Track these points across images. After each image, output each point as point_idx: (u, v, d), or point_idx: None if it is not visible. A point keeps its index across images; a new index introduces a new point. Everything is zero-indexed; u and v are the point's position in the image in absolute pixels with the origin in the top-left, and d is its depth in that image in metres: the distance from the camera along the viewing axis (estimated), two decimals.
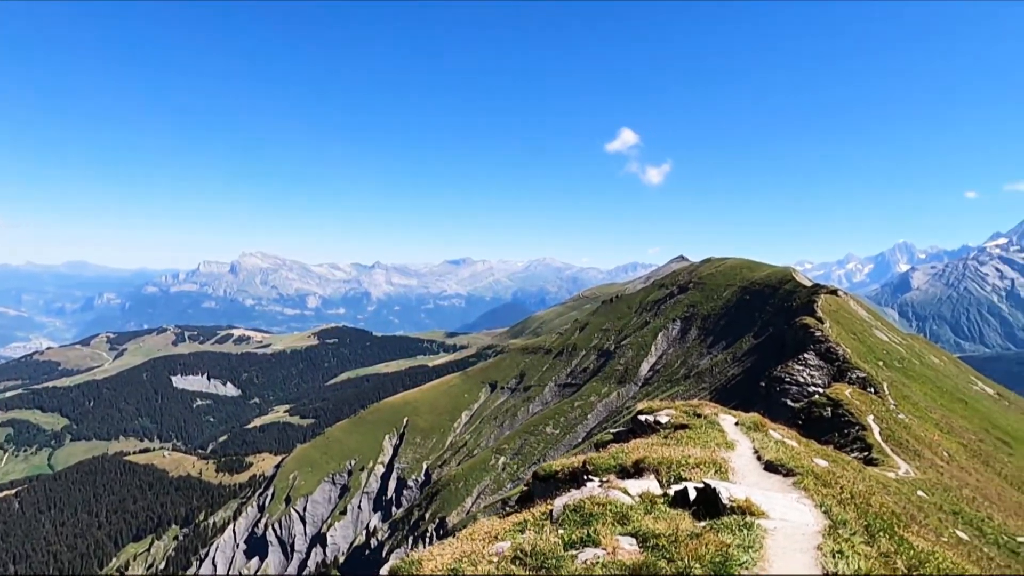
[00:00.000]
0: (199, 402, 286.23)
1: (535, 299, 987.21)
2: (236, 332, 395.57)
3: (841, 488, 10.03)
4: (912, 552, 7.77)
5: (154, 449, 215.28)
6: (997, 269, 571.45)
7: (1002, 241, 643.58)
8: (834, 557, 6.36)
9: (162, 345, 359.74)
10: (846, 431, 29.03)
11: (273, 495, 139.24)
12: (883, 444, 27.39)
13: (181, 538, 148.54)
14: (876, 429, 29.62)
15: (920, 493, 18.50)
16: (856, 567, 6.08)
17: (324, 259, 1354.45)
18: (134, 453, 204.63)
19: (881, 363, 53.88)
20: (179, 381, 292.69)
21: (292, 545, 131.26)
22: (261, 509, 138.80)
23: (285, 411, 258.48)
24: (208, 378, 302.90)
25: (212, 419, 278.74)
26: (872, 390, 39.90)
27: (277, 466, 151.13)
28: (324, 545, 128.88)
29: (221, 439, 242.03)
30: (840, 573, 5.98)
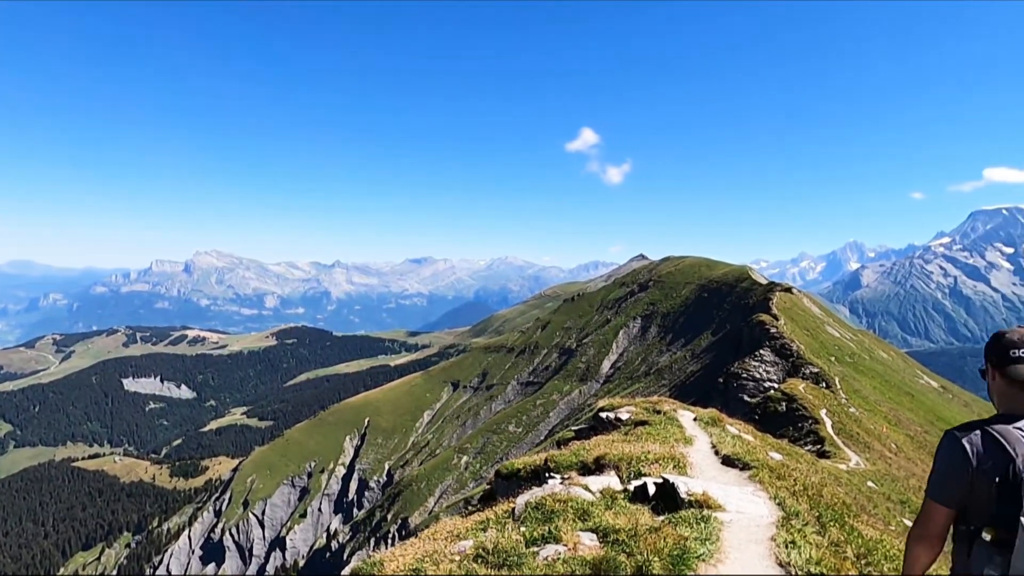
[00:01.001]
0: (152, 405, 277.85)
1: (497, 298, 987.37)
2: (191, 333, 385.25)
3: (795, 480, 10.31)
4: (861, 540, 8.06)
5: (104, 454, 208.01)
6: (941, 267, 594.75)
7: (946, 240, 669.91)
8: (787, 547, 6.56)
9: (112, 347, 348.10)
10: (800, 425, 29.85)
11: (230, 499, 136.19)
12: (835, 437, 28.25)
13: (133, 545, 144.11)
14: (828, 423, 30.53)
15: (870, 484, 19.15)
16: (808, 556, 6.28)
17: (282, 258, 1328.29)
18: (83, 459, 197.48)
19: (833, 358, 55.56)
20: (130, 384, 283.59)
21: (250, 550, 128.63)
22: (218, 514, 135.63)
23: (242, 413, 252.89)
24: (161, 380, 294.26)
25: (166, 422, 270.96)
26: (825, 385, 41.10)
27: (234, 470, 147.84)
28: (283, 549, 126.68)
29: (175, 443, 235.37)
30: (793, 563, 6.17)
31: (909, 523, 15.69)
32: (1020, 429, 2.96)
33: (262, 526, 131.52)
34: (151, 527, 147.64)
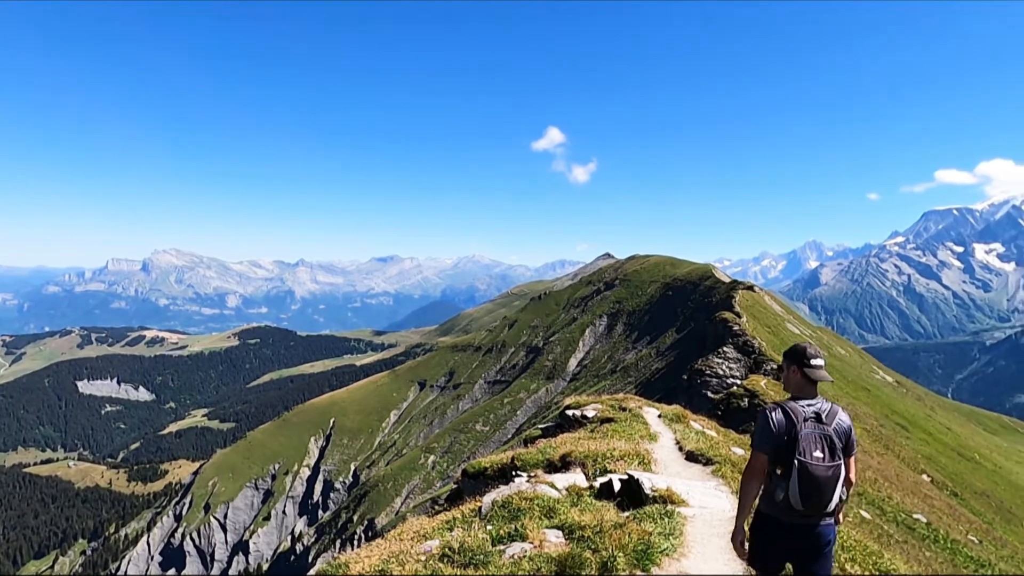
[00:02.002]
0: (108, 408, 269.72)
1: (464, 296, 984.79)
2: (149, 333, 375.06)
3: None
4: None
5: (58, 459, 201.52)
6: (896, 266, 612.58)
7: (900, 240, 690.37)
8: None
9: (66, 348, 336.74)
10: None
11: (191, 503, 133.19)
12: None
13: (89, 552, 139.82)
14: None
15: None
16: None
17: (245, 257, 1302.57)
18: (35, 464, 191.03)
19: None
20: (85, 386, 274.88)
21: (212, 554, 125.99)
22: (178, 518, 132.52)
23: (203, 415, 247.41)
24: (118, 382, 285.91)
25: (123, 426, 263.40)
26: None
27: (195, 473, 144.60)
28: (246, 553, 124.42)
29: (133, 447, 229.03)
30: None
31: (866, 514, 16.17)
32: (803, 406, 4.58)
33: (224, 530, 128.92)
34: (108, 533, 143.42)
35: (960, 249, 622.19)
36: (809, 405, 4.54)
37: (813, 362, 4.65)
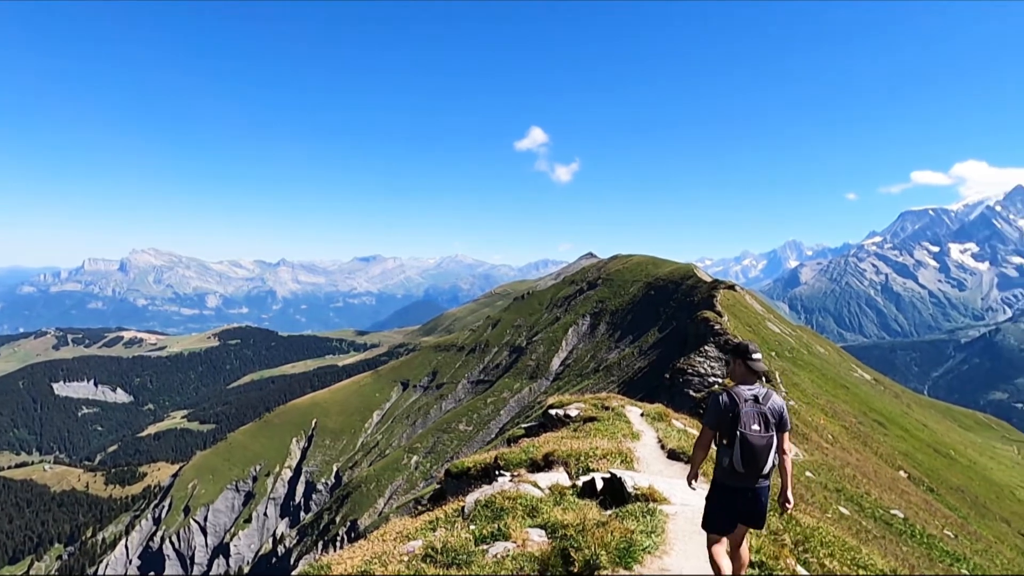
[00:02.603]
0: (85, 410, 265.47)
1: (447, 296, 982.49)
2: (127, 334, 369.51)
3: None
4: (799, 528, 8.39)
5: (33, 463, 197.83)
6: (874, 265, 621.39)
7: (878, 239, 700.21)
8: None
9: (41, 349, 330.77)
10: None
11: (170, 506, 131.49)
12: None
13: (66, 557, 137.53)
14: None
15: (808, 474, 19.89)
16: (748, 546, 6.50)
17: (225, 256, 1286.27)
18: (9, 468, 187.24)
19: (774, 353, 57.41)
20: (61, 388, 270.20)
21: (191, 558, 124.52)
22: (157, 522, 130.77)
23: (183, 417, 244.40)
24: (95, 384, 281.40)
25: (100, 428, 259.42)
26: (766, 379, 42.50)
27: (174, 475, 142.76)
28: (227, 556, 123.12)
29: (111, 449, 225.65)
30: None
31: (845, 510, 16.39)
32: (744, 391, 5.54)
33: (204, 533, 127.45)
34: (85, 537, 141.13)
35: (936, 249, 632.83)
36: (749, 390, 5.53)
37: (754, 356, 5.69)
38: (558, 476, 9.31)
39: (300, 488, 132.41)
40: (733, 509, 5.54)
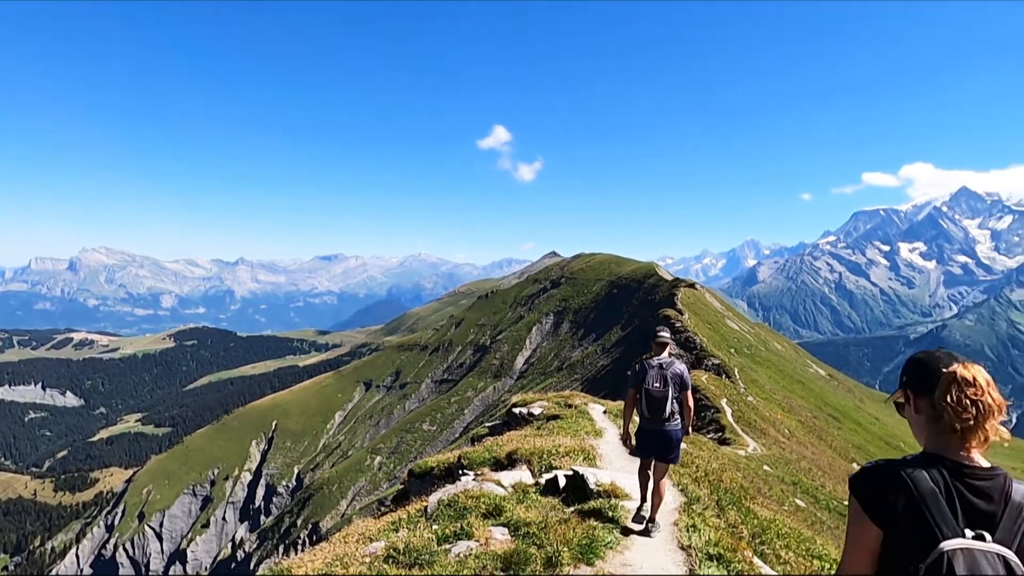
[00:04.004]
0: (32, 415, 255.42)
1: (411, 295, 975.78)
2: (77, 335, 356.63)
3: (697, 467, 10.85)
4: (756, 521, 8.60)
5: None
6: (828, 264, 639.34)
7: (832, 239, 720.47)
8: (688, 531, 6.94)
9: None
10: (703, 414, 31.26)
11: (123, 512, 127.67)
12: (735, 425, 29.82)
13: (12, 567, 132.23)
14: (729, 411, 32.19)
15: (765, 467, 20.36)
16: (707, 538, 6.66)
17: (180, 255, 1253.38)
18: None
19: (733, 350, 58.60)
20: (6, 392, 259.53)
21: (147, 565, 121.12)
22: (109, 529, 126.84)
23: (137, 420, 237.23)
24: (43, 387, 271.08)
25: (49, 433, 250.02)
26: (725, 376, 43.27)
27: (128, 480, 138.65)
28: (184, 562, 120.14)
29: (60, 455, 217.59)
30: (693, 545, 6.54)
31: (800, 502, 16.82)
32: (653, 360, 7.25)
33: (160, 539, 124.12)
34: (33, 547, 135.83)
35: (887, 248, 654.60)
36: (657, 359, 7.29)
37: (659, 334, 7.58)
38: (521, 474, 9.34)
39: (260, 491, 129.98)
40: (648, 444, 7.22)
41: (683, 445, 14.43)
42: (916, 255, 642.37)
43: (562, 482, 8.37)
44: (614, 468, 9.97)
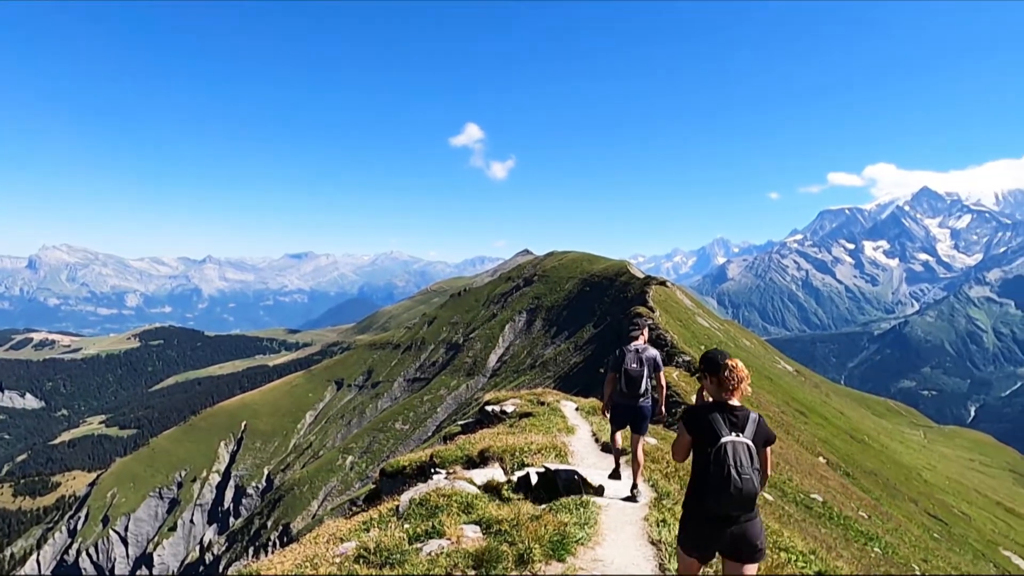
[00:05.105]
0: None
1: (383, 294, 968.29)
2: (37, 335, 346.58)
3: (667, 463, 10.96)
4: None
5: None
6: (795, 262, 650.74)
7: (799, 237, 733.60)
8: (658, 526, 7.01)
9: None
10: (674, 410, 31.56)
11: (87, 516, 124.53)
12: None
13: None
14: None
15: None
16: (676, 534, 6.72)
17: (146, 253, 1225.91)
18: None
19: (703, 347, 59.35)
20: None
21: (111, 570, 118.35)
22: (72, 533, 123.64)
23: (100, 422, 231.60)
24: (1, 389, 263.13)
25: (7, 436, 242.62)
26: (696, 373, 43.85)
27: (91, 484, 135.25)
28: (150, 566, 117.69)
29: (19, 459, 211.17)
30: (663, 540, 6.60)
31: (769, 496, 17.07)
32: (630, 345, 8.59)
33: (125, 543, 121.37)
34: None
35: (852, 246, 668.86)
36: (634, 345, 8.60)
37: (635, 321, 9.39)
38: (494, 472, 9.34)
39: (229, 493, 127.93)
40: (624, 416, 8.60)
41: (653, 440, 14.63)
42: (880, 253, 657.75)
43: (534, 479, 8.39)
44: (586, 465, 10.03)
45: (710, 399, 4.87)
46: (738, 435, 4.51)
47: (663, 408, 8.76)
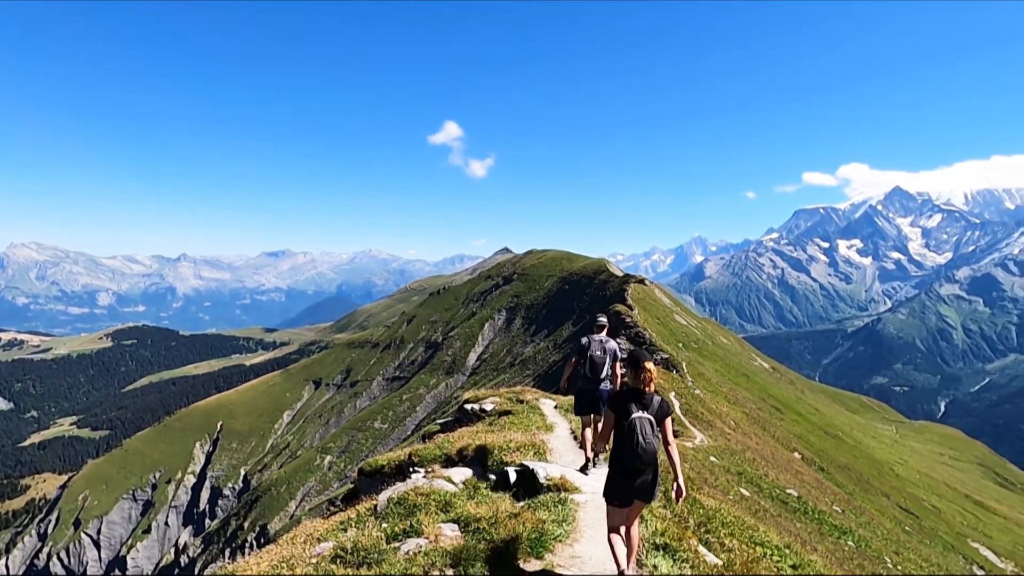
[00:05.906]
0: None
1: (361, 292, 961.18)
2: (5, 335, 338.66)
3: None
4: (702, 511, 8.81)
5: None
6: (771, 260, 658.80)
7: (775, 236, 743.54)
8: (636, 522, 7.03)
9: None
10: None
11: (58, 520, 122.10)
12: (683, 417, 30.43)
13: None
14: (677, 404, 32.82)
15: (712, 459, 20.86)
16: (654, 529, 6.78)
17: (118, 251, 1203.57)
18: None
19: (681, 345, 59.82)
20: None
21: (83, 574, 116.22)
22: (43, 537, 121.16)
23: (72, 424, 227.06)
24: None
25: None
26: (674, 369, 44.13)
27: (62, 486, 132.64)
28: (123, 569, 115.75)
29: None
30: (640, 536, 6.63)
31: (745, 491, 17.29)
32: (595, 337, 9.78)
33: (97, 546, 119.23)
34: None
35: (826, 245, 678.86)
36: (597, 337, 9.77)
37: (599, 319, 10.20)
38: (472, 470, 9.35)
39: (205, 494, 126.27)
40: (586, 402, 9.67)
41: None
42: (853, 252, 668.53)
43: (513, 477, 8.40)
44: (564, 462, 10.06)
45: (628, 386, 6.13)
46: (643, 412, 5.85)
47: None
